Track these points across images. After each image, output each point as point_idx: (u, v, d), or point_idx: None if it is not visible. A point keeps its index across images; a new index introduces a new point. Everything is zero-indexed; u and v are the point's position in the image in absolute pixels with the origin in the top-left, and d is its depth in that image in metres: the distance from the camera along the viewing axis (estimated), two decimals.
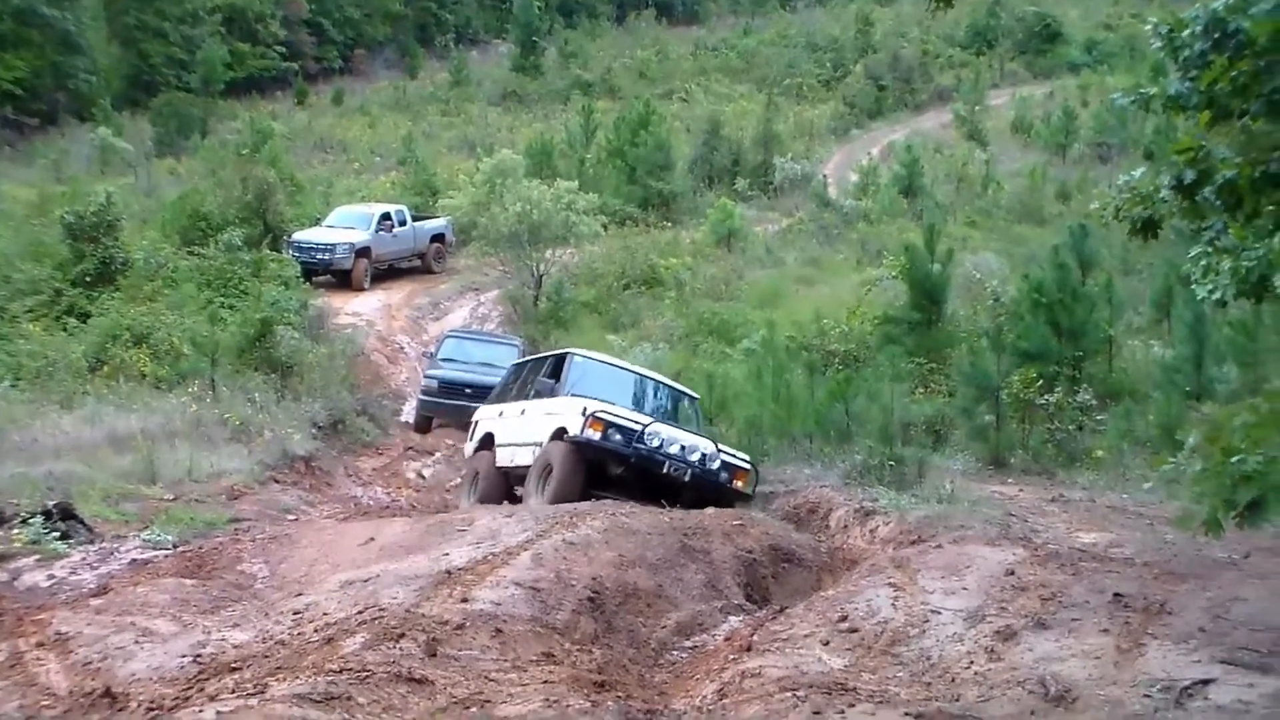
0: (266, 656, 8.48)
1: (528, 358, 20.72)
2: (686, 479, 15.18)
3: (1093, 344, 21.04)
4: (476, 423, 18.63)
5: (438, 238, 37.93)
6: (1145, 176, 10.43)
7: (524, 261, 33.19)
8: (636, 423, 15.27)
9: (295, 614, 9.77)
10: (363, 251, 34.59)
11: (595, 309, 32.70)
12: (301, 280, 29.42)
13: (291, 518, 15.75)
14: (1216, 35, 9.27)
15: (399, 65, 78.82)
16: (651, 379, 17.95)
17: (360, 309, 32.72)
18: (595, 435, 14.82)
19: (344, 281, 34.18)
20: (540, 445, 15.81)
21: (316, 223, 35.94)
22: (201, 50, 66.01)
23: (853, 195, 46.39)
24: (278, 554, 12.10)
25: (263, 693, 7.38)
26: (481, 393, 24.80)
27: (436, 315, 34.38)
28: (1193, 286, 10.50)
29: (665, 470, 15.09)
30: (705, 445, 15.60)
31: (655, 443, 15.13)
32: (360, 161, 54.20)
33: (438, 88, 73.43)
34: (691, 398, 18.07)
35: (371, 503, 18.84)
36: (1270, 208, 7.51)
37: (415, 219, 37.41)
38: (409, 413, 26.71)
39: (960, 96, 64.60)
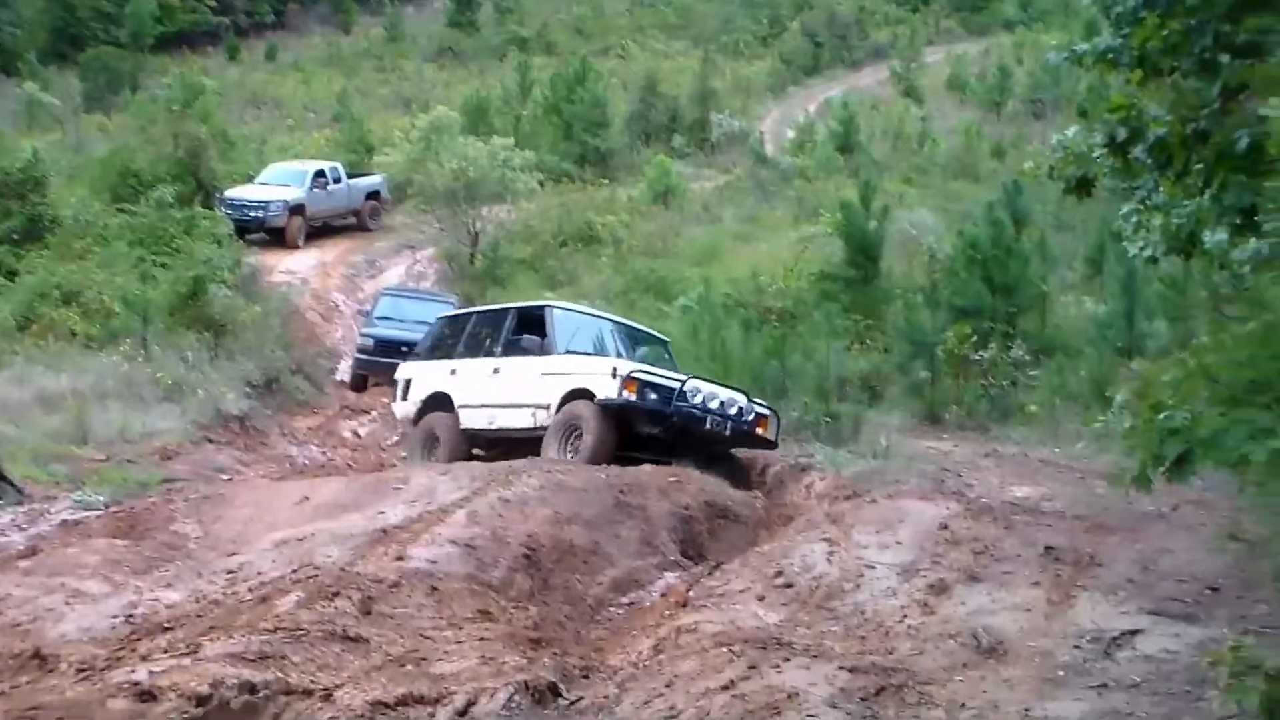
0: (200, 616, 8.43)
1: (468, 310, 19.78)
2: (728, 433, 14.80)
3: (1027, 300, 21.19)
4: (409, 381, 17.76)
5: (373, 195, 37.61)
6: (1079, 136, 10.47)
7: (460, 219, 32.98)
8: (671, 379, 14.87)
9: (229, 573, 9.72)
10: (297, 209, 34.23)
11: (532, 266, 32.56)
12: (235, 238, 29.03)
13: (226, 477, 15.65)
14: None
15: (333, 20, 77.90)
16: (625, 325, 17.55)
17: (295, 267, 32.43)
18: (631, 396, 14.31)
19: (278, 239, 33.82)
20: (546, 408, 15.13)
21: (250, 180, 35.51)
22: (130, 3, 64.90)
23: (789, 152, 46.41)
24: (211, 514, 11.99)
25: (196, 652, 7.33)
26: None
27: (372, 273, 34.15)
28: (1124, 243, 10.59)
29: (707, 426, 14.62)
30: (739, 397, 15.09)
31: (697, 399, 14.64)
32: (294, 118, 53.65)
33: (372, 43, 72.68)
34: (664, 341, 17.66)
35: (307, 462, 18.75)
36: (1199, 165, 7.55)
37: (350, 176, 37.07)
38: (345, 371, 26.57)
39: (896, 54, 64.67)
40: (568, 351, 15.57)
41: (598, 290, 28.85)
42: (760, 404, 15.39)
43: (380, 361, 25.04)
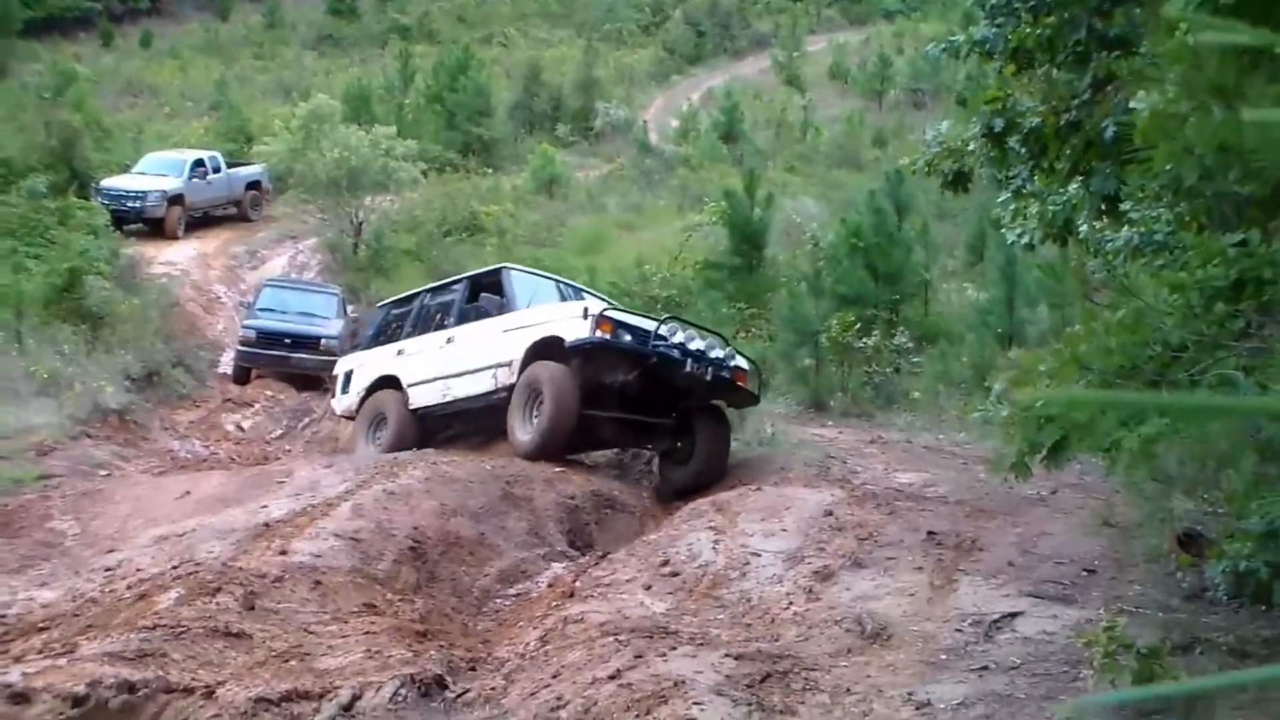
0: (76, 615, 8.28)
1: (413, 291, 18.13)
2: (709, 378, 13.73)
3: (909, 287, 21.48)
4: (349, 373, 16.98)
5: (254, 185, 37.12)
6: (953, 130, 10.62)
7: (343, 209, 32.68)
8: (648, 318, 14.17)
9: (107, 571, 9.55)
10: (176, 199, 33.67)
11: (417, 256, 32.34)
12: (112, 229, 28.46)
13: (104, 473, 15.35)
14: None
15: (209, 7, 76.68)
16: (574, 287, 16.89)
17: (174, 258, 31.90)
18: (606, 336, 13.22)
19: (156, 230, 33.21)
20: (508, 365, 14.11)
21: (127, 169, 34.87)
22: None
23: (673, 141, 46.64)
24: (89, 510, 11.78)
25: (72, 652, 7.20)
26: (301, 342, 24.53)
27: (254, 264, 33.71)
28: (1003, 231, 10.77)
29: (687, 369, 13.48)
30: (719, 343, 14.28)
31: (676, 338, 13.66)
32: (171, 106, 52.75)
33: (250, 30, 71.70)
34: (610, 305, 16.58)
35: (189, 456, 18.44)
36: (1068, 153, 7.70)
37: (230, 166, 36.55)
38: (227, 364, 26.22)
39: (778, 43, 65.22)
40: (530, 306, 14.80)
41: None
42: (740, 353, 14.74)
43: (263, 353, 24.80)
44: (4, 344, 19.52)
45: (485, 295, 15.30)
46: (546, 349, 13.73)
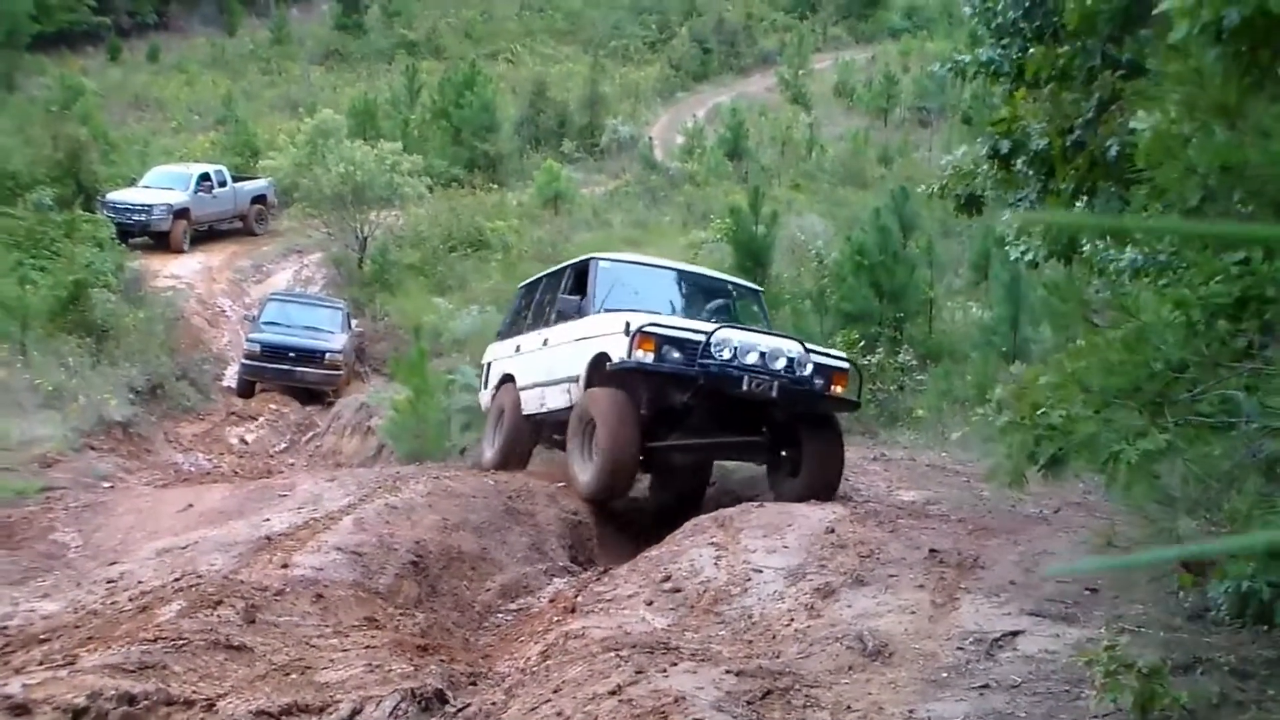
0: (78, 627, 8.27)
1: (541, 274, 16.00)
2: (774, 394, 11.84)
3: (913, 305, 21.47)
4: (489, 365, 15.72)
5: (259, 199, 37.27)
6: (966, 157, 10.67)
7: (348, 223, 32.78)
8: (697, 331, 11.93)
9: (109, 583, 9.55)
10: (181, 212, 33.80)
11: (421, 272, 32.41)
12: (117, 242, 28.55)
13: (107, 485, 15.37)
14: (1027, 3, 9.49)
15: (217, 21, 76.86)
16: (696, 274, 14.86)
17: (180, 271, 32.00)
18: (647, 357, 11.58)
19: (162, 243, 33.35)
20: (576, 381, 12.76)
21: (133, 183, 34.99)
22: (4, 2, 63.42)
23: (679, 158, 46.67)
24: (92, 522, 11.79)
25: (73, 664, 7.19)
26: (306, 356, 24.59)
27: (259, 278, 33.79)
28: (1007, 248, 10.80)
29: (746, 387, 11.74)
30: (790, 346, 12.23)
31: (726, 353, 11.78)
32: (178, 120, 52.92)
33: (258, 45, 71.87)
34: (753, 290, 15.10)
35: (192, 469, 18.49)
36: (1073, 173, 7.73)
37: (236, 180, 36.70)
38: (231, 377, 26.29)
39: (784, 60, 65.31)
40: (604, 310, 12.96)
41: (488, 296, 28.77)
42: (828, 353, 12.77)
43: (267, 367, 24.89)
44: (9, 356, 19.58)
45: (565, 295, 13.84)
46: (602, 368, 12.21)
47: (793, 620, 8.37)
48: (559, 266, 15.18)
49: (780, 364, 11.98)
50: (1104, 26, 7.70)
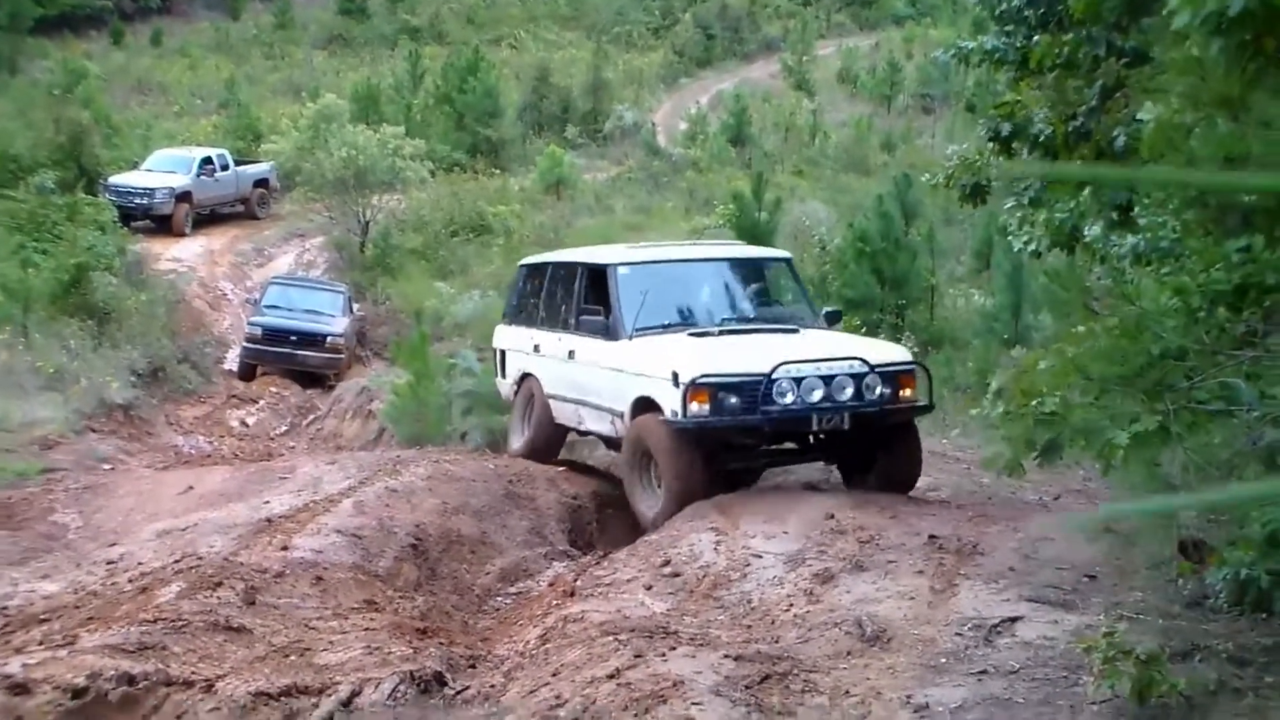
0: (78, 607, 8.30)
1: (548, 259, 14.78)
2: (845, 425, 10.94)
3: (915, 292, 21.48)
4: (503, 353, 14.51)
5: (261, 183, 37.20)
6: (971, 147, 10.67)
7: (350, 207, 32.73)
8: (754, 368, 10.77)
9: (109, 564, 9.57)
10: (183, 196, 33.74)
11: (423, 256, 32.38)
12: (119, 225, 28.53)
13: (108, 467, 15.40)
14: None
15: (220, 5, 76.56)
16: (722, 259, 13.58)
17: (181, 255, 31.98)
18: (703, 410, 10.61)
19: (164, 227, 33.29)
20: (620, 417, 11.80)
21: (135, 166, 34.95)
22: None
23: (682, 144, 46.63)
24: (92, 504, 11.80)
25: (72, 644, 7.22)
26: (307, 340, 24.59)
27: (260, 262, 33.77)
28: (1010, 238, 10.80)
29: (816, 426, 11.01)
30: (853, 366, 11.01)
31: (788, 397, 10.70)
32: (180, 104, 52.80)
33: (261, 29, 71.68)
34: (783, 260, 13.90)
35: (193, 451, 18.51)
36: (1079, 161, 7.73)
37: (238, 163, 36.62)
38: (232, 360, 26.30)
39: (788, 47, 65.22)
40: (636, 332, 11.83)
41: (489, 280, 28.76)
42: (891, 358, 11.57)
43: (268, 350, 24.90)
44: (11, 339, 19.60)
45: (594, 303, 12.55)
46: (649, 409, 11.31)
47: (792, 605, 8.39)
48: (570, 260, 13.79)
49: (848, 393, 10.93)
50: (1109, 14, 7.70)
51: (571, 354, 12.70)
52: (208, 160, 35.11)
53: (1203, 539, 7.91)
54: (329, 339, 25.27)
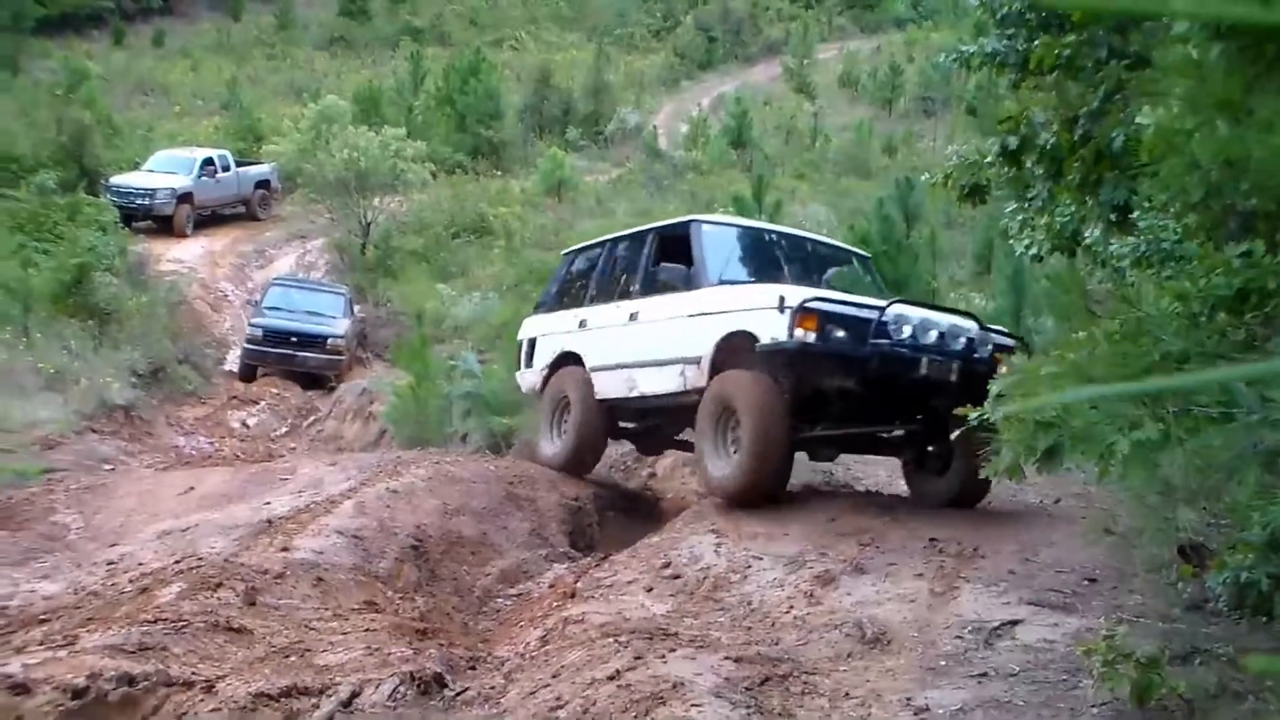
0: (78, 608, 8.30)
1: (598, 240, 14.19)
2: (953, 376, 10.04)
3: (916, 295, 21.43)
4: (531, 342, 13.84)
5: (263, 184, 37.25)
6: (972, 147, 10.66)
7: (351, 209, 32.79)
8: (866, 307, 10.12)
9: (110, 565, 9.58)
10: (185, 197, 33.79)
11: (424, 258, 32.42)
12: (120, 225, 28.56)
13: (109, 468, 15.41)
14: None
15: (221, 6, 76.67)
16: (806, 239, 12.93)
17: (183, 256, 32.01)
18: (809, 336, 9.77)
19: (165, 227, 33.35)
20: (696, 363, 10.95)
21: (136, 167, 34.99)
22: None
23: (683, 146, 46.66)
24: (93, 504, 11.81)
25: (73, 644, 7.22)
26: (308, 341, 24.62)
27: (262, 263, 33.80)
28: (1011, 241, 10.79)
29: (924, 370, 10.00)
30: (967, 324, 10.43)
31: (905, 332, 10.01)
32: (182, 105, 52.85)
33: (262, 31, 71.77)
34: (863, 257, 13.37)
35: (194, 452, 18.51)
36: (1078, 165, 7.74)
37: (240, 165, 36.66)
38: (233, 361, 26.33)
39: (789, 50, 65.25)
40: (721, 281, 11.27)
41: (490, 282, 28.80)
42: (998, 331, 10.93)
43: (269, 352, 24.94)
44: (12, 339, 19.61)
45: (662, 264, 11.90)
46: (739, 348, 10.51)
47: (792, 607, 8.39)
48: (635, 230, 13.34)
49: (960, 344, 10.24)
50: (1110, 17, 7.70)
51: (634, 316, 12.06)
52: (209, 161, 35.16)
53: (1203, 542, 7.92)
54: (330, 340, 25.31)
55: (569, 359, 12.99)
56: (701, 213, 29.40)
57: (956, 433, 6.67)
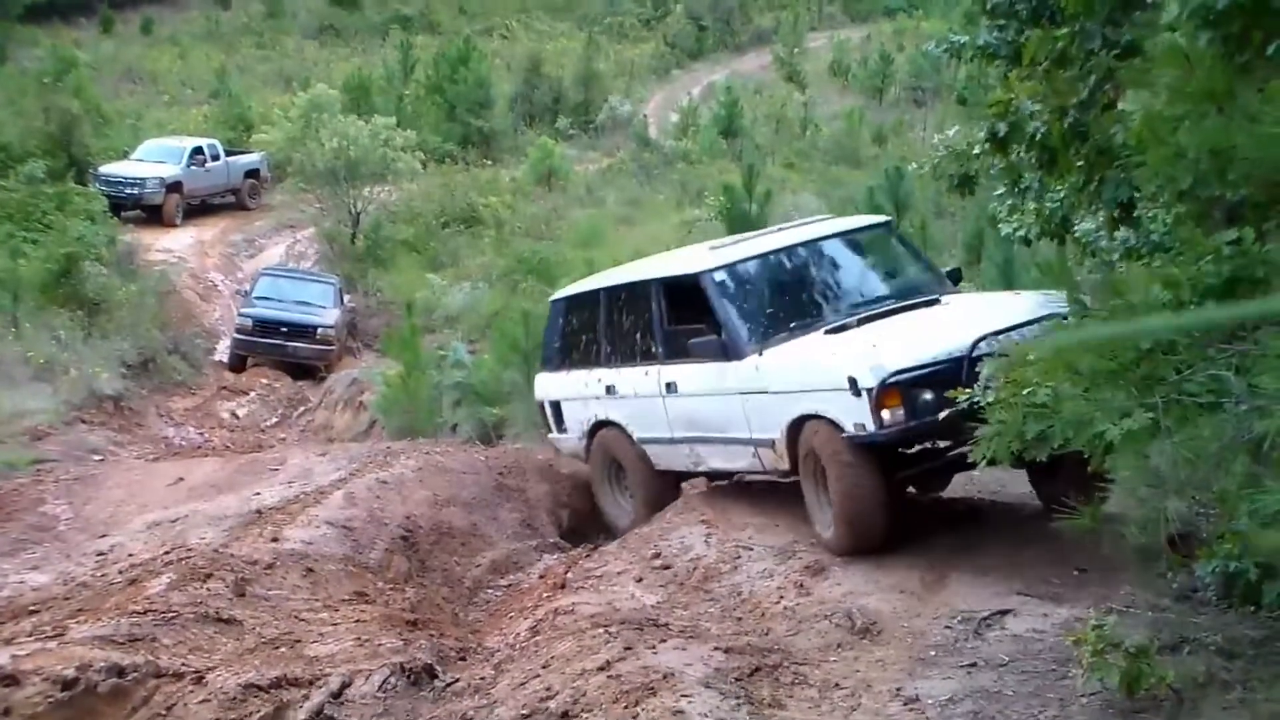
0: (67, 599, 8.30)
1: (584, 290, 12.32)
2: None
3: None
4: (556, 406, 12.15)
5: (252, 173, 37.14)
6: (959, 136, 10.63)
7: (341, 199, 32.70)
8: (941, 350, 8.53)
9: (99, 555, 9.59)
10: (174, 186, 33.68)
11: (414, 247, 32.35)
12: (109, 215, 28.46)
13: (98, 458, 15.39)
14: None
15: None
16: (814, 242, 10.85)
17: (172, 245, 31.92)
18: (899, 416, 8.50)
19: (154, 217, 33.24)
20: (769, 445, 9.61)
21: (125, 156, 34.88)
22: None
23: (673, 136, 46.63)
24: (82, 495, 11.80)
25: (62, 635, 7.23)
26: (298, 331, 24.57)
27: (251, 253, 33.76)
28: (999, 225, 10.78)
29: None
30: (1030, 314, 8.90)
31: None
32: (171, 94, 52.65)
33: (251, 19, 71.47)
34: (882, 225, 11.75)
35: (183, 443, 18.50)
36: (1079, 163, 7.72)
37: (229, 154, 36.57)
38: (223, 351, 26.28)
39: (780, 39, 65.15)
40: (760, 343, 9.72)
41: (480, 272, 28.76)
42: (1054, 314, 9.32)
43: (259, 341, 24.89)
44: (0, 329, 19.53)
45: (691, 324, 10.37)
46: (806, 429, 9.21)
47: (782, 598, 8.39)
48: (632, 282, 11.52)
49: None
50: (1102, 8, 7.68)
51: (671, 387, 10.57)
52: (198, 150, 35.06)
53: (1192, 532, 7.93)
54: (320, 330, 25.26)
55: (607, 427, 11.53)
56: (692, 202, 28.97)
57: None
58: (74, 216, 26.05)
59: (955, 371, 8.12)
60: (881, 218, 12.28)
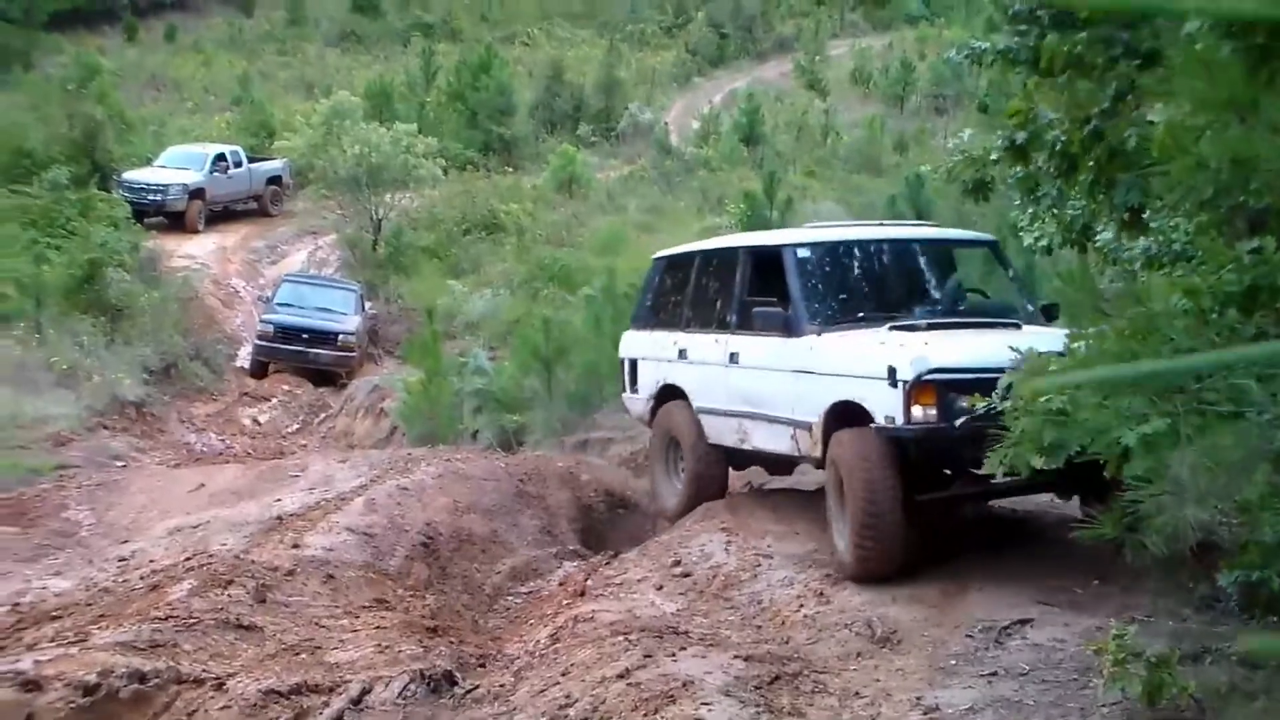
0: (89, 605, 8.32)
1: (690, 249, 12.62)
2: None
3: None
4: (634, 363, 12.20)
5: (274, 180, 37.21)
6: (975, 140, 10.59)
7: (363, 205, 32.77)
8: (1000, 363, 7.49)
9: (121, 561, 9.61)
10: (197, 193, 33.76)
11: (435, 254, 32.39)
12: (132, 221, 28.54)
13: (121, 464, 15.44)
14: None
15: (233, 2, 76.72)
16: (911, 241, 10.95)
17: (194, 252, 32.00)
18: (930, 413, 8.33)
19: (177, 223, 33.32)
20: (807, 428, 9.46)
21: (148, 162, 34.98)
22: None
23: (694, 143, 46.59)
24: (105, 501, 11.84)
25: (84, 641, 7.25)
26: (319, 337, 24.63)
27: (273, 259, 33.82)
28: (1020, 234, 10.76)
29: None
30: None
31: None
32: (194, 101, 52.79)
33: (274, 26, 71.66)
34: (987, 244, 11.73)
35: (205, 449, 18.56)
36: (1092, 165, 7.70)
37: (251, 160, 36.63)
38: (245, 358, 26.35)
39: (801, 46, 65.15)
40: (823, 325, 9.64)
41: (501, 279, 28.80)
42: None
43: (281, 348, 24.95)
44: (24, 334, 19.62)
45: (764, 295, 10.32)
46: (852, 409, 8.99)
47: (802, 606, 8.38)
48: (728, 245, 11.73)
49: None
50: (1119, 15, 7.67)
51: (734, 357, 10.52)
52: (221, 157, 35.15)
53: (1214, 542, 7.91)
54: (341, 337, 25.32)
55: (673, 392, 11.47)
56: (713, 210, 28.96)
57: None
58: (97, 223, 26.13)
59: (993, 383, 7.34)
60: (987, 236, 12.11)
